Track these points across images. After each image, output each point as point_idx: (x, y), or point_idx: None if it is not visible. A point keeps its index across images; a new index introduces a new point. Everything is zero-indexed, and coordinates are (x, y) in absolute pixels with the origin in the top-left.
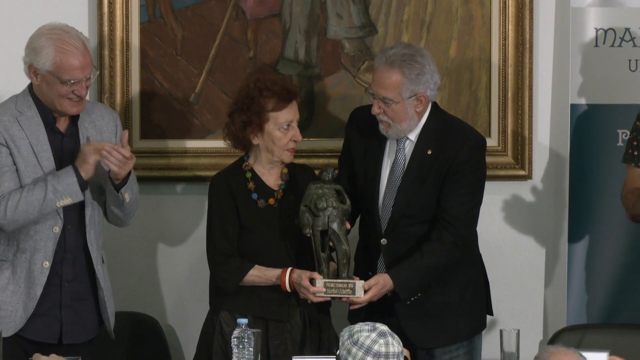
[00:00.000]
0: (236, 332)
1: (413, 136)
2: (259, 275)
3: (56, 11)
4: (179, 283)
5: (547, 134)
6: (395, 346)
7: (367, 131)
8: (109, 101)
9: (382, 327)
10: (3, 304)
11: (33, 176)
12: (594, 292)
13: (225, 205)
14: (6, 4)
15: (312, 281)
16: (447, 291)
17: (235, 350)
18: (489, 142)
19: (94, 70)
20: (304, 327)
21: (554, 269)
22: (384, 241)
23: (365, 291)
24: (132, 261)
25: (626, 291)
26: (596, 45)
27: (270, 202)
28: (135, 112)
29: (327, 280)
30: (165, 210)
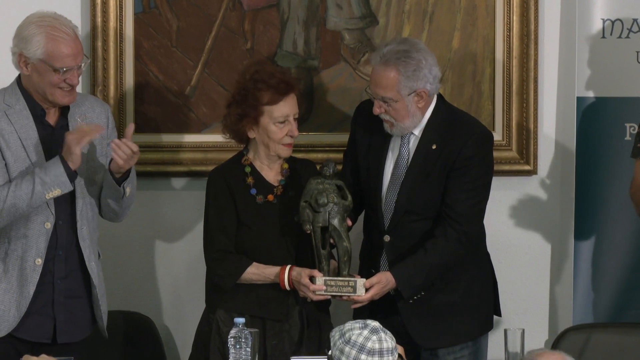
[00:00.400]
0: (233, 332)
1: (417, 131)
2: (257, 273)
3: (48, 0)
4: (175, 281)
5: (552, 127)
6: (389, 342)
7: (371, 125)
8: (102, 94)
9: (374, 324)
10: None
11: (22, 170)
12: (601, 290)
13: (223, 200)
14: None
15: (312, 279)
16: (452, 290)
17: (232, 350)
18: (493, 136)
19: (85, 58)
20: (302, 327)
21: (559, 267)
22: (387, 238)
23: (367, 289)
24: (126, 259)
25: (634, 289)
26: (603, 37)
27: (269, 198)
28: (129, 105)
29: (328, 278)
30: (160, 207)
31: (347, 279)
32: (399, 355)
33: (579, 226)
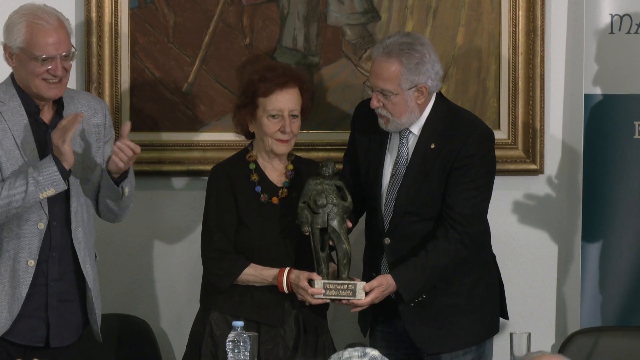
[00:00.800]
0: (231, 336)
1: (416, 129)
2: (254, 274)
3: None
4: (172, 284)
5: (559, 125)
6: None
7: (370, 125)
8: (97, 91)
9: (373, 352)
10: None
11: (15, 170)
12: (609, 292)
13: (224, 197)
14: None
15: (310, 282)
16: (455, 292)
17: (230, 354)
18: (498, 135)
19: (73, 50)
20: (297, 333)
21: (566, 269)
22: (387, 240)
23: (367, 293)
24: (122, 261)
25: None
26: (611, 32)
27: (273, 200)
28: (125, 103)
29: (327, 282)
30: (157, 207)
31: (346, 282)
32: None
33: (586, 227)
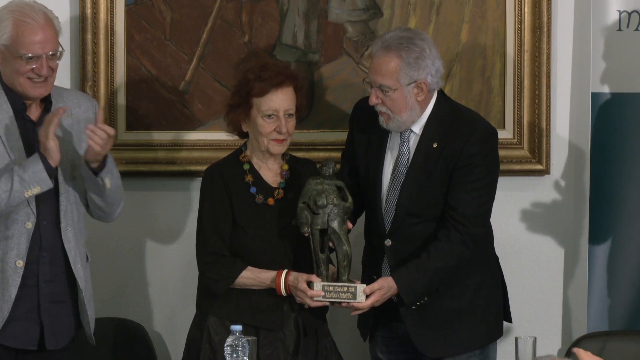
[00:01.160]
0: (229, 340)
1: (417, 128)
2: (252, 277)
3: None
4: (167, 287)
5: (566, 125)
6: None
7: (370, 124)
8: (91, 89)
9: None
10: None
11: (2, 167)
12: (617, 296)
13: (219, 198)
14: None
15: (309, 284)
16: (458, 295)
17: (228, 359)
18: (503, 134)
19: (61, 50)
20: (297, 336)
21: (573, 272)
22: (388, 242)
23: (368, 296)
24: (116, 263)
25: None
26: (619, 29)
27: (269, 202)
28: (121, 102)
29: (326, 284)
30: (152, 208)
31: (346, 284)
32: None
33: (593, 229)
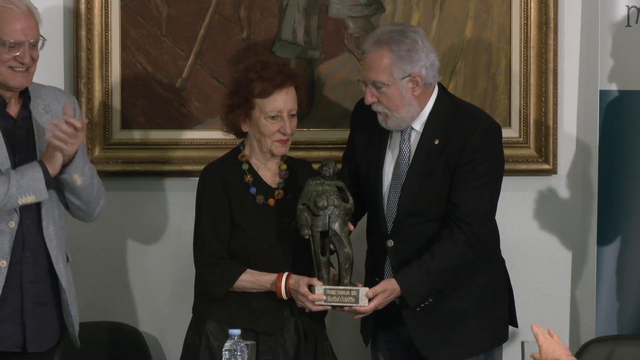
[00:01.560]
0: (228, 344)
1: (418, 125)
2: (251, 280)
3: None
4: (164, 290)
5: (573, 123)
6: None
7: (370, 122)
8: (86, 87)
9: None
10: None
11: None
12: (626, 299)
13: (217, 199)
14: None
15: (310, 288)
16: (462, 297)
17: None
18: (509, 133)
19: (42, 40)
20: (298, 341)
21: (581, 274)
22: (390, 243)
23: (370, 299)
24: (111, 265)
25: None
26: (628, 25)
27: (269, 202)
28: (116, 100)
29: (328, 287)
30: (149, 208)
31: (348, 288)
32: None
33: (602, 230)
